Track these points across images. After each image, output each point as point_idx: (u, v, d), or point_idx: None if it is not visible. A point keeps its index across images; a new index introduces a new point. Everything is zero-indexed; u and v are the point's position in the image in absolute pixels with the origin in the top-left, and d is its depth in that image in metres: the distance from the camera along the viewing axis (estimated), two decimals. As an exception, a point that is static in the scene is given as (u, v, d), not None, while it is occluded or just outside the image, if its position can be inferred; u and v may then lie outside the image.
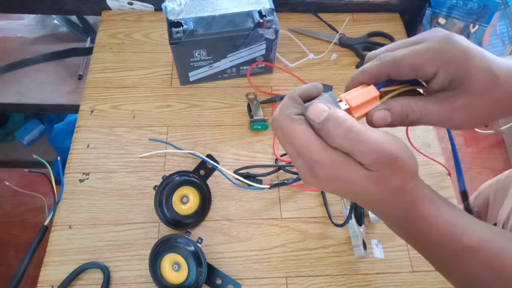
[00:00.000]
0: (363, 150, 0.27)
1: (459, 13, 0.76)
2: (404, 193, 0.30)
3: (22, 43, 0.98)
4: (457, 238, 0.30)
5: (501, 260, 0.30)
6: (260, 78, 0.70)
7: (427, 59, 0.29)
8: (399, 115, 0.31)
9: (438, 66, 0.29)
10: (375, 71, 0.31)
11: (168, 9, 0.59)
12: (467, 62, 0.29)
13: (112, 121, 0.64)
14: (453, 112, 0.30)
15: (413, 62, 0.29)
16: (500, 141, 1.64)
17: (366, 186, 0.29)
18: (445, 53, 0.29)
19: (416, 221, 0.31)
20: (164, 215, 0.54)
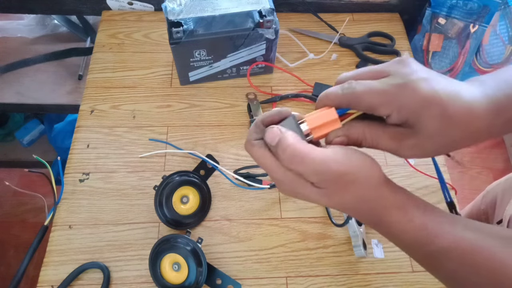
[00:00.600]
0: (306, 171, 0.30)
1: (459, 13, 0.76)
2: (366, 203, 0.32)
3: (22, 43, 0.98)
4: (429, 241, 0.32)
5: (476, 257, 0.31)
6: (260, 78, 0.70)
7: (382, 102, 0.30)
8: (354, 142, 0.33)
9: (392, 110, 0.30)
10: (337, 100, 0.32)
11: (168, 9, 0.59)
12: (421, 112, 0.30)
13: (112, 121, 0.64)
14: (403, 148, 0.32)
15: (369, 102, 0.31)
16: (500, 141, 1.64)
17: (322, 201, 0.32)
18: (399, 99, 0.30)
19: (385, 228, 0.33)
20: (164, 215, 0.54)
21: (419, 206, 0.33)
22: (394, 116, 0.31)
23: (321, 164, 0.30)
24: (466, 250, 0.31)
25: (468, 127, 0.30)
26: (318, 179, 0.31)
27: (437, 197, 0.60)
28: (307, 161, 0.30)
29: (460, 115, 0.30)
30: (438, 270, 0.34)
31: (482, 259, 0.31)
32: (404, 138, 0.31)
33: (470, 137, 0.31)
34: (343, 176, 0.30)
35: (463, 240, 0.31)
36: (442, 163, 0.64)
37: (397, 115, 0.30)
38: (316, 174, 0.30)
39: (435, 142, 0.31)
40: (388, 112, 0.31)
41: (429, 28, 0.79)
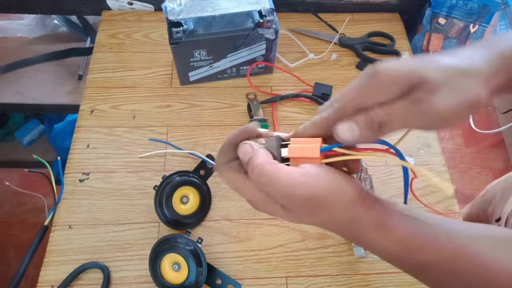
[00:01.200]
0: (273, 194, 0.29)
1: (459, 13, 0.76)
2: (340, 224, 0.31)
3: (22, 43, 0.98)
4: (411, 255, 0.31)
5: (460, 266, 0.30)
6: (260, 78, 0.70)
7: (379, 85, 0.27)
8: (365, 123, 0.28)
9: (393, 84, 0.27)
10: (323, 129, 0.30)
11: (168, 9, 0.59)
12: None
13: (112, 121, 0.64)
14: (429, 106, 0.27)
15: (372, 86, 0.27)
16: (500, 141, 1.64)
17: (295, 221, 0.31)
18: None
19: (365, 245, 0.32)
20: (164, 215, 0.54)
21: (399, 220, 0.31)
22: None
23: (287, 188, 0.28)
24: (449, 260, 0.30)
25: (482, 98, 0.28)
26: (286, 202, 0.29)
27: (437, 197, 0.60)
28: (274, 183, 0.29)
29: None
30: (424, 280, 0.33)
31: (466, 268, 0.30)
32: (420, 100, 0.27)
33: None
34: (311, 200, 0.29)
35: (446, 251, 0.30)
36: (442, 163, 0.64)
37: None
38: (282, 197, 0.29)
39: None
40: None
41: (429, 28, 0.79)
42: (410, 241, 0.30)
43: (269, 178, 0.29)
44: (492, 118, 1.70)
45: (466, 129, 1.65)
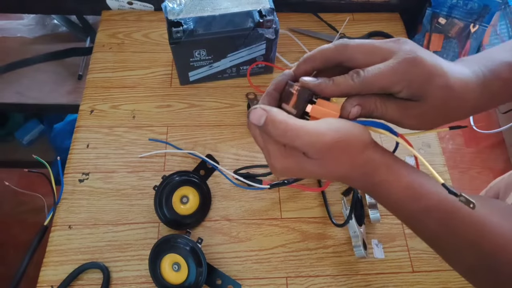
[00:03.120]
0: (302, 144, 0.31)
1: (460, 13, 0.76)
2: (358, 168, 0.34)
3: (22, 43, 0.98)
4: (414, 200, 0.34)
5: (456, 219, 0.32)
6: (260, 78, 0.70)
7: (393, 82, 0.32)
8: (367, 111, 0.34)
9: (403, 87, 0.32)
10: (348, 89, 0.33)
11: (168, 9, 0.59)
12: (428, 83, 0.32)
13: (112, 121, 0.64)
14: (407, 118, 0.34)
15: (381, 85, 0.32)
16: (500, 141, 1.64)
17: (317, 171, 0.34)
18: (408, 75, 0.32)
19: (374, 187, 0.35)
20: (164, 215, 0.54)
21: (407, 167, 0.35)
22: (404, 92, 0.32)
23: (314, 136, 0.31)
24: (447, 211, 0.33)
25: (463, 98, 0.33)
26: (314, 150, 0.32)
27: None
28: (301, 135, 0.31)
29: (458, 86, 0.33)
30: (421, 230, 0.36)
31: (462, 221, 0.32)
32: (409, 108, 0.33)
33: (465, 106, 0.34)
34: (336, 144, 0.32)
35: (446, 201, 0.33)
36: (442, 163, 0.64)
37: (407, 90, 0.32)
38: (311, 145, 0.31)
39: (437, 111, 0.33)
40: (399, 89, 0.32)
41: (429, 28, 0.79)
42: (416, 187, 0.34)
43: (295, 131, 0.31)
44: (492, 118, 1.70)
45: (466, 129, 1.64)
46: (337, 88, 0.34)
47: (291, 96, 0.34)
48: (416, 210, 0.34)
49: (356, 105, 0.34)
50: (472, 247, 0.32)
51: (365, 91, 0.33)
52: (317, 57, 0.35)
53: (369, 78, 0.32)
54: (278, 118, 0.31)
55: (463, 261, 0.34)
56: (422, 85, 0.32)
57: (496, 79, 0.34)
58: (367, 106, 0.34)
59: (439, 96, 0.32)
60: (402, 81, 0.32)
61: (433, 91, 0.32)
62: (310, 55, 0.35)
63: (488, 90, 0.34)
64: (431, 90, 0.32)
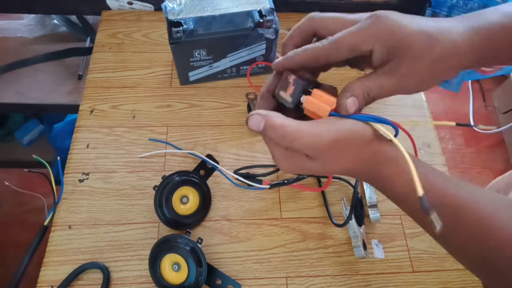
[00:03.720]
0: (301, 146, 0.31)
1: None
2: (361, 164, 0.34)
3: (22, 43, 0.98)
4: None
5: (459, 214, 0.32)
6: (260, 78, 0.70)
7: (360, 39, 0.32)
8: (362, 97, 0.33)
9: (372, 43, 0.32)
10: (316, 51, 0.33)
11: (168, 9, 0.59)
12: (398, 32, 0.31)
13: (112, 121, 0.64)
14: (401, 80, 0.33)
15: (348, 44, 0.32)
16: (500, 141, 1.64)
17: (321, 171, 0.34)
18: (374, 29, 0.32)
19: (379, 181, 0.35)
20: (164, 215, 0.54)
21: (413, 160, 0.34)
22: (376, 49, 0.32)
23: (314, 137, 0.31)
24: (452, 206, 0.32)
25: (445, 39, 0.32)
26: (313, 151, 0.32)
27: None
28: (299, 137, 0.31)
29: (434, 29, 0.32)
30: (426, 224, 0.35)
31: (466, 217, 0.32)
32: (397, 67, 0.32)
33: (451, 51, 0.32)
34: (335, 143, 0.32)
35: (450, 197, 0.33)
36: (442, 163, 0.64)
37: (379, 46, 0.32)
38: (310, 147, 0.32)
39: (427, 60, 0.32)
40: (370, 46, 0.32)
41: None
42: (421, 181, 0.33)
43: (294, 135, 0.31)
44: (493, 118, 1.70)
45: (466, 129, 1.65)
46: (304, 53, 0.34)
47: (288, 85, 0.34)
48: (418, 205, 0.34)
49: (349, 96, 0.33)
50: (477, 243, 0.32)
51: (335, 54, 0.33)
52: (294, 35, 0.35)
53: (336, 39, 0.33)
54: (276, 123, 0.32)
55: (468, 256, 0.34)
56: (393, 36, 0.31)
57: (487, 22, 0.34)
58: (359, 92, 0.33)
59: (417, 42, 0.31)
60: (369, 37, 0.32)
61: (407, 39, 0.31)
62: (287, 36, 0.36)
63: (478, 32, 0.33)
64: (406, 39, 0.31)
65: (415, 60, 0.32)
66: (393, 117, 0.66)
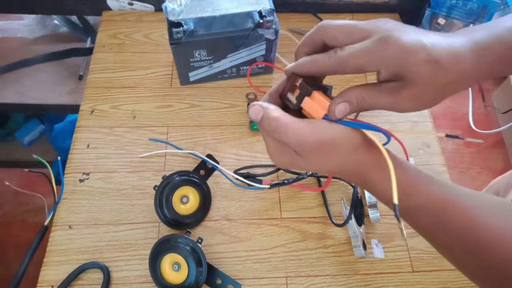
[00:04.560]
0: (290, 141, 0.33)
1: (459, 13, 0.76)
2: (347, 166, 0.35)
3: (22, 43, 0.98)
4: (405, 199, 0.34)
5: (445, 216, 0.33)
6: (260, 78, 0.70)
7: (367, 61, 0.32)
8: (355, 105, 0.34)
9: (378, 66, 0.32)
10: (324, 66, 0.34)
11: (169, 10, 0.59)
12: (405, 60, 0.31)
13: (112, 121, 0.64)
14: (401, 101, 0.33)
15: (356, 64, 0.33)
16: (500, 141, 1.64)
17: (309, 168, 0.36)
18: (382, 53, 0.31)
19: (367, 185, 0.36)
20: (164, 215, 0.54)
21: (397, 165, 0.34)
22: (383, 72, 0.32)
23: (301, 136, 0.33)
24: (438, 209, 0.33)
25: (455, 68, 0.32)
26: (300, 148, 0.33)
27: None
28: (289, 132, 0.33)
29: (445, 57, 0.31)
30: (414, 225, 0.36)
31: (452, 218, 0.33)
32: (400, 90, 0.32)
33: (459, 79, 0.32)
34: (321, 145, 0.33)
35: (436, 200, 0.33)
36: (441, 163, 0.64)
37: (386, 70, 0.32)
38: (297, 144, 0.33)
39: (429, 88, 0.32)
40: (376, 68, 0.32)
41: (429, 28, 0.79)
42: (405, 186, 0.34)
43: (284, 128, 0.33)
44: (492, 118, 1.70)
45: (466, 129, 1.65)
46: (313, 64, 0.35)
47: (295, 88, 0.36)
48: (406, 208, 0.35)
49: (340, 102, 0.33)
50: (464, 243, 0.33)
51: (341, 70, 0.33)
52: (305, 43, 0.36)
53: (344, 57, 0.32)
54: (272, 115, 0.33)
55: (454, 255, 0.35)
56: (400, 63, 0.31)
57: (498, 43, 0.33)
58: (353, 99, 0.33)
59: (423, 72, 0.31)
60: (377, 60, 0.31)
61: (415, 68, 0.31)
62: (299, 44, 0.37)
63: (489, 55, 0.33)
64: (412, 67, 0.31)
65: (420, 87, 0.32)
66: (392, 117, 0.67)
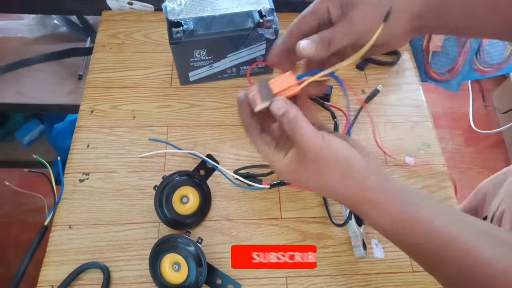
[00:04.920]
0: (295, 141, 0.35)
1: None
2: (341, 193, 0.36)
3: (22, 43, 0.98)
4: (403, 234, 0.35)
5: (448, 251, 0.33)
6: (260, 78, 0.70)
7: (318, 4, 0.37)
8: (321, 43, 0.36)
9: (326, 1, 0.37)
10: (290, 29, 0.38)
11: (168, 9, 0.59)
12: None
13: (112, 121, 0.64)
14: (351, 23, 0.36)
15: (310, 11, 0.37)
16: (500, 141, 1.64)
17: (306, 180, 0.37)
18: None
19: (364, 217, 0.37)
20: (164, 215, 0.54)
21: (394, 201, 0.35)
22: (332, 10, 0.37)
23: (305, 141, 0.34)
24: (439, 241, 0.33)
25: (400, 3, 0.36)
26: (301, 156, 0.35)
27: (438, 197, 0.60)
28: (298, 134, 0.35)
29: None
30: (417, 258, 0.36)
31: (455, 252, 0.32)
32: (346, 15, 0.36)
33: (403, 16, 0.36)
34: (320, 159, 0.34)
35: (436, 232, 0.33)
36: (442, 163, 0.64)
37: (332, 5, 0.37)
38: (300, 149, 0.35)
39: (368, 6, 0.36)
40: (325, 7, 0.37)
41: (429, 28, 0.79)
42: (403, 222, 0.34)
43: (297, 128, 0.34)
44: (492, 118, 1.70)
45: (466, 129, 1.65)
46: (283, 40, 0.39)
47: (256, 96, 0.37)
48: (406, 242, 0.35)
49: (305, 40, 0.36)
50: (465, 276, 0.33)
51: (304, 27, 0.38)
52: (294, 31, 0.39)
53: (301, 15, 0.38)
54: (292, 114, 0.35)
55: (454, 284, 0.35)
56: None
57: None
58: (316, 37, 0.36)
59: None
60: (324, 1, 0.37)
61: None
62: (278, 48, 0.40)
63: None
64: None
65: (361, 3, 0.36)
66: (393, 117, 0.67)
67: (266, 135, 0.39)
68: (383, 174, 0.36)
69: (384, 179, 0.35)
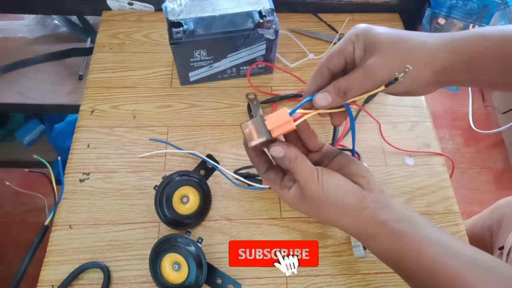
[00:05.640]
0: (296, 178, 0.39)
1: (459, 13, 0.76)
2: (339, 226, 0.40)
3: (22, 43, 0.98)
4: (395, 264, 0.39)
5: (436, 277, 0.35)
6: (260, 78, 0.70)
7: (345, 43, 0.39)
8: (334, 92, 0.37)
9: (353, 42, 0.38)
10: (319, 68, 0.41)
11: (168, 9, 0.59)
12: (370, 31, 0.38)
13: (113, 121, 0.64)
14: (367, 69, 0.37)
15: (337, 49, 0.39)
16: (500, 141, 1.64)
17: (308, 213, 0.41)
18: (354, 33, 0.38)
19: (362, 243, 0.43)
20: (164, 215, 0.54)
21: (388, 235, 0.37)
22: (356, 48, 0.38)
23: (303, 180, 0.38)
24: (427, 271, 0.35)
25: (417, 37, 0.37)
26: (300, 193, 0.38)
27: (438, 197, 0.60)
28: (298, 173, 0.38)
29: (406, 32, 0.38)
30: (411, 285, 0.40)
31: (442, 281, 0.35)
32: (365, 61, 0.37)
33: (419, 45, 0.37)
34: (315, 198, 0.38)
35: (442, 268, 0.35)
36: (442, 163, 0.64)
37: (358, 45, 0.38)
38: (300, 187, 0.38)
39: (394, 52, 0.36)
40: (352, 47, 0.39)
41: (429, 28, 0.79)
42: (395, 253, 0.37)
43: (296, 169, 0.38)
44: (492, 118, 1.70)
45: (466, 129, 1.65)
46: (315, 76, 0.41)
47: (252, 132, 0.38)
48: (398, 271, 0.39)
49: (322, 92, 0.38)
50: None
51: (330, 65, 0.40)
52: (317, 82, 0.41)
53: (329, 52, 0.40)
54: (291, 155, 0.38)
55: None
56: (367, 35, 0.37)
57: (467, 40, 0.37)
58: (330, 87, 0.38)
59: (385, 38, 0.36)
60: (351, 40, 0.38)
61: (378, 35, 0.37)
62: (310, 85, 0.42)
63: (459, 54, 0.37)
64: (376, 36, 0.37)
65: (382, 52, 0.36)
66: (393, 117, 0.67)
67: (272, 172, 0.42)
68: (382, 203, 0.38)
69: (381, 210, 0.37)
